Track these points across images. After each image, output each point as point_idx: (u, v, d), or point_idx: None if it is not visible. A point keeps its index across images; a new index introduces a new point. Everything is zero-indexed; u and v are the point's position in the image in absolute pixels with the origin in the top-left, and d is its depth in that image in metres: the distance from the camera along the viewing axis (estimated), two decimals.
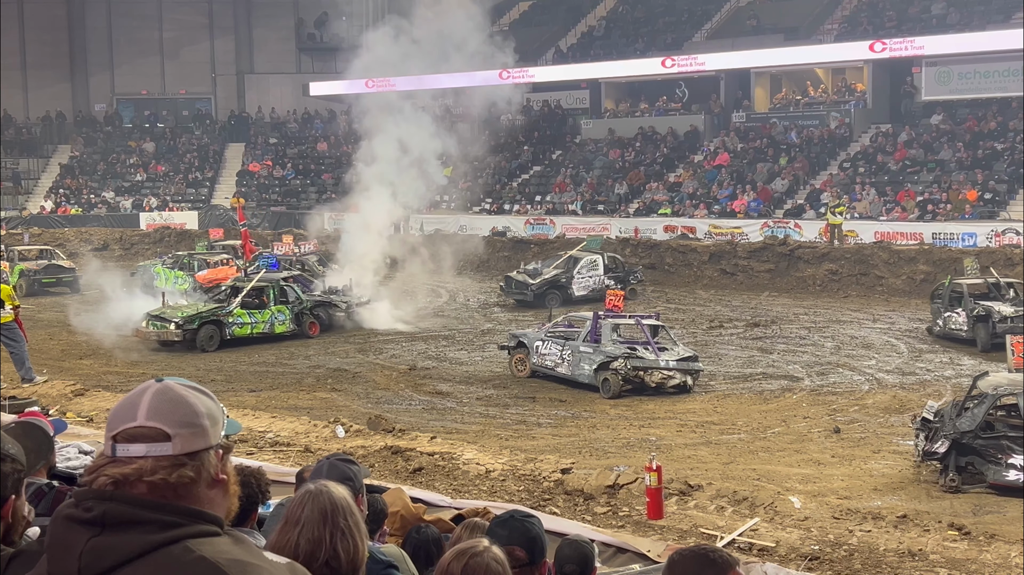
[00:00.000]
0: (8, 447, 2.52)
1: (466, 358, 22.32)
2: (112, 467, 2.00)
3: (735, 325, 25.62)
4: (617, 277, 29.95)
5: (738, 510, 10.72)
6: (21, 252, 33.81)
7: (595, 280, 29.53)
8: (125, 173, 52.02)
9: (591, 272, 29.64)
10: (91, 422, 13.24)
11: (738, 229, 35.49)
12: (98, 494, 1.98)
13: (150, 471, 1.99)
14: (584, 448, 14.87)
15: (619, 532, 9.36)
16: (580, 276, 29.47)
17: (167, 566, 1.92)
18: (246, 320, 23.61)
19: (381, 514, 5.45)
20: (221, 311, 23.36)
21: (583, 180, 42.73)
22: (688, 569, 2.97)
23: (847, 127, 40.09)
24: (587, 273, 29.58)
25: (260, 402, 17.48)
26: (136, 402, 2.05)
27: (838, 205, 33.07)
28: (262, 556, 2.05)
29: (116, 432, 2.03)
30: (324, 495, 3.07)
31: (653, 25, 48.74)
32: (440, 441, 13.29)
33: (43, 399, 14.64)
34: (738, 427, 16.13)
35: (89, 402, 14.86)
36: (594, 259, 30.06)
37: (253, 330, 23.72)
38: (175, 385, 2.09)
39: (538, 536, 3.98)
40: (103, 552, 1.93)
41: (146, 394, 2.06)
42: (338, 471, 4.28)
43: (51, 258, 33.87)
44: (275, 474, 7.88)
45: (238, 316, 23.54)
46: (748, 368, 20.69)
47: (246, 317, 23.62)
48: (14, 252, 32.47)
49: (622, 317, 19.96)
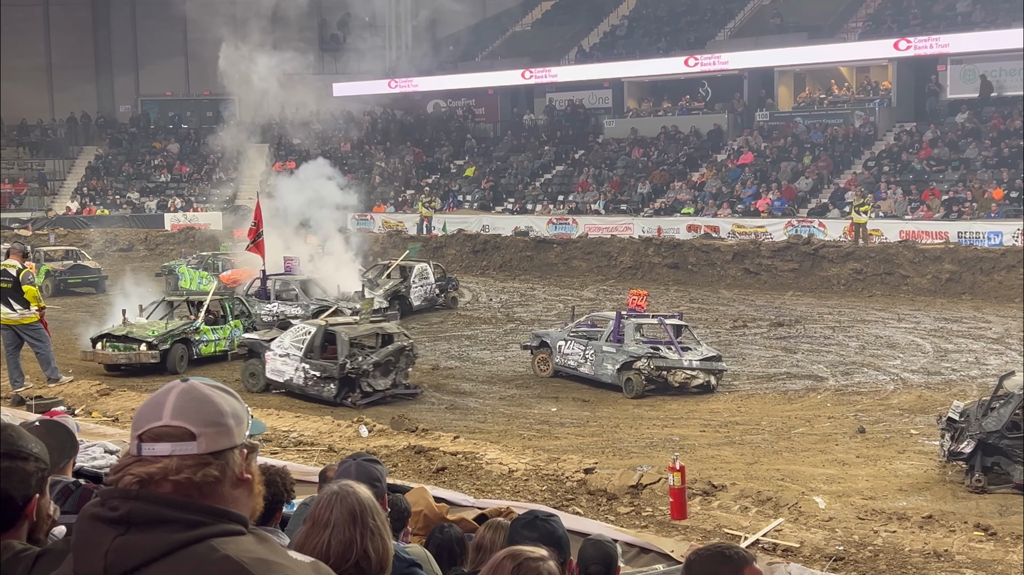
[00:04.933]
0: (31, 446, 2.53)
1: (489, 358, 22.32)
2: (138, 466, 2.01)
3: (759, 325, 25.53)
4: (440, 286, 29.14)
5: (762, 510, 10.67)
6: (47, 253, 34.03)
7: (428, 289, 28.68)
8: (150, 174, 52.34)
9: (423, 281, 28.65)
10: (116, 421, 13.31)
11: (762, 228, 35.36)
12: (124, 493, 1.99)
13: (175, 470, 2.00)
14: (607, 448, 14.85)
15: (642, 532, 9.33)
16: (415, 286, 28.40)
17: (192, 565, 1.93)
18: (210, 337, 21.49)
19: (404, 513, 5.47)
20: (189, 328, 21.05)
21: (606, 179, 42.69)
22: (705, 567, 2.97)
23: (871, 125, 39.87)
24: (420, 282, 28.57)
25: (284, 402, 17.54)
26: (162, 401, 2.06)
27: (862, 204, 32.89)
28: (286, 555, 2.06)
29: (142, 431, 2.04)
30: (352, 496, 3.08)
31: (676, 24, 48.64)
32: (463, 441, 13.30)
33: (69, 399, 14.74)
34: (762, 427, 16.07)
35: (114, 402, 14.95)
36: (423, 268, 29.11)
37: (216, 347, 21.53)
38: (200, 385, 2.10)
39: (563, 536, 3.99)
40: (128, 551, 1.94)
41: (171, 393, 2.07)
42: (366, 472, 4.30)
43: (77, 259, 34.07)
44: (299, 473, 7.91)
45: (203, 333, 21.36)
46: (772, 368, 20.60)
47: (210, 334, 21.51)
48: (40, 253, 32.67)
49: (645, 317, 19.91)
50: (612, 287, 32.36)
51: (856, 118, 40.33)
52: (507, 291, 32.25)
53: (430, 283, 28.81)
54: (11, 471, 2.44)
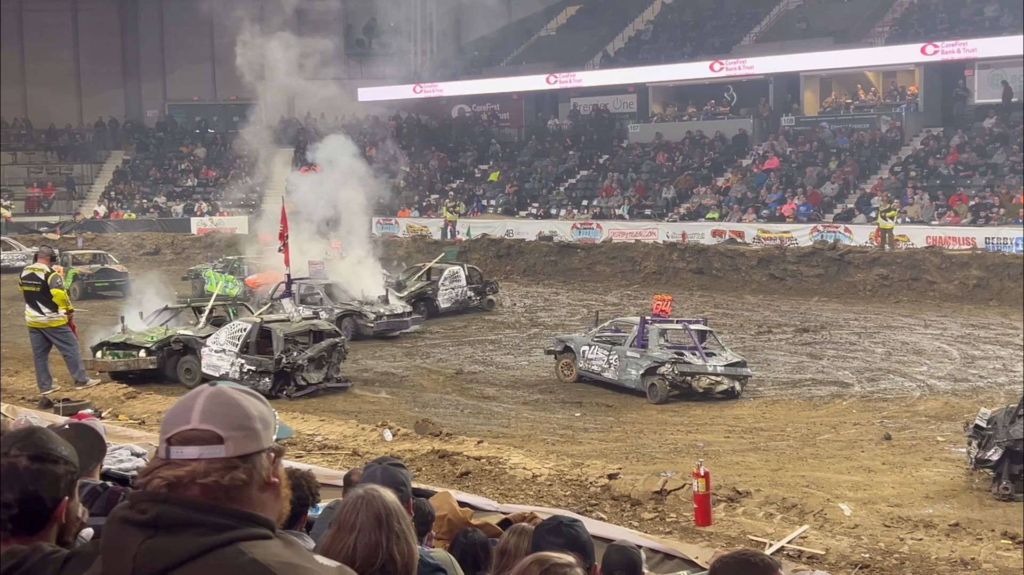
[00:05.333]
0: (61, 449, 2.56)
1: (512, 362, 22.32)
2: (166, 469, 2.03)
3: (784, 330, 25.42)
4: (475, 288, 29.26)
5: (787, 517, 10.62)
6: (75, 256, 34.27)
7: (458, 292, 28.83)
8: (176, 178, 52.68)
9: (454, 283, 28.82)
10: (142, 424, 13.40)
11: (787, 234, 35.24)
12: (152, 496, 2.01)
13: (203, 473, 2.02)
14: (631, 453, 14.81)
15: (667, 538, 9.31)
16: (444, 288, 28.58)
17: (220, 568, 1.94)
18: None
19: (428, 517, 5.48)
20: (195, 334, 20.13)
21: (630, 184, 42.64)
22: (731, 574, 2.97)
23: (898, 130, 39.67)
24: (450, 285, 28.71)
25: (308, 405, 17.60)
26: (190, 405, 2.08)
27: (889, 209, 32.71)
28: (313, 559, 2.07)
29: (170, 434, 2.06)
30: (377, 500, 3.10)
31: (701, 29, 48.55)
32: (487, 445, 13.30)
33: (96, 402, 14.84)
34: (787, 433, 15.99)
35: (141, 405, 15.04)
36: (455, 270, 29.26)
37: None
38: (228, 389, 2.12)
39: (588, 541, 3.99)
40: (157, 554, 1.96)
41: (200, 397, 2.09)
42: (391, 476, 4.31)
43: (104, 262, 34.28)
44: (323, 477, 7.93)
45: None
46: (797, 374, 20.51)
47: None
48: (68, 256, 32.90)
49: (669, 322, 19.86)
50: (636, 292, 32.31)
51: (883, 123, 40.14)
52: (531, 296, 32.24)
53: (461, 286, 28.90)
54: (41, 474, 2.46)
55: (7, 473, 2.45)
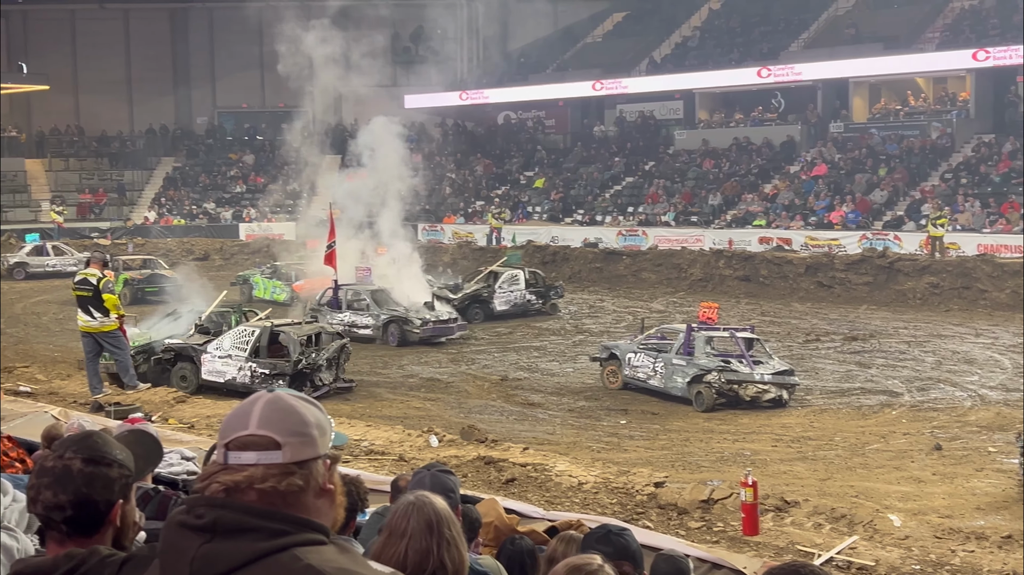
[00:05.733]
0: (116, 453, 2.59)
1: (558, 369, 22.30)
2: (224, 474, 2.05)
3: (832, 339, 25.19)
4: (538, 292, 29.60)
5: (836, 527, 10.52)
6: (125, 262, 34.67)
7: (516, 295, 29.18)
8: (225, 185, 53.19)
9: (512, 287, 29.22)
10: (192, 428, 13.51)
11: (835, 241, 34.93)
12: (210, 501, 2.03)
13: (260, 479, 2.03)
14: (677, 462, 14.74)
15: (714, 547, 9.25)
16: (501, 291, 29.05)
17: (275, 573, 1.95)
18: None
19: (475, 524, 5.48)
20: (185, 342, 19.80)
21: (676, 191, 42.47)
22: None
23: (949, 137, 39.20)
24: (508, 288, 29.15)
25: (355, 411, 17.68)
26: (248, 411, 2.10)
27: (939, 217, 32.32)
28: (367, 565, 2.08)
29: (228, 440, 2.08)
30: (428, 506, 3.11)
31: (748, 35, 48.30)
32: (532, 452, 13.28)
33: (146, 406, 15.00)
34: (835, 443, 15.84)
35: (191, 409, 15.18)
36: (515, 274, 29.64)
37: None
38: (286, 395, 2.13)
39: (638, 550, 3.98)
40: (214, 558, 1.97)
41: (258, 403, 2.11)
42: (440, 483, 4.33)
43: (154, 268, 34.67)
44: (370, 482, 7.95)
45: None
46: (846, 383, 20.31)
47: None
48: (119, 261, 33.29)
49: (716, 330, 19.75)
50: (682, 299, 32.17)
51: (933, 129, 39.69)
52: (576, 302, 32.18)
53: (520, 289, 29.22)
54: (94, 476, 2.50)
55: (61, 475, 2.48)
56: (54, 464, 2.50)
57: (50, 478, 2.48)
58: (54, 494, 2.47)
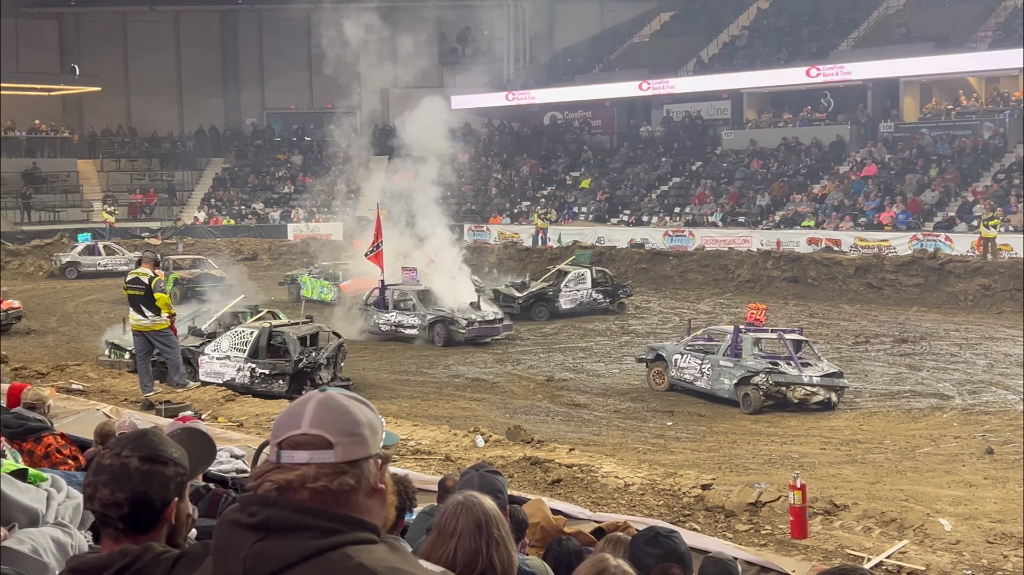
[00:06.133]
0: (172, 451, 2.62)
1: (603, 370, 22.25)
2: (277, 473, 2.07)
3: (882, 341, 24.93)
4: (605, 291, 29.87)
5: (886, 531, 10.40)
6: (175, 261, 35.06)
7: (582, 294, 29.49)
8: (274, 185, 53.61)
9: (578, 286, 29.55)
10: (241, 427, 13.63)
11: (885, 242, 34.56)
12: (263, 499, 2.05)
13: (313, 478, 2.05)
14: (724, 464, 14.66)
15: (762, 551, 9.18)
16: (567, 290, 29.38)
17: (327, 572, 1.97)
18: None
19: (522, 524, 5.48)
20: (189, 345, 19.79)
21: (724, 191, 42.22)
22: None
23: (1001, 137, 38.64)
24: (574, 287, 29.50)
25: (401, 410, 17.76)
26: (301, 410, 2.11)
27: (991, 218, 31.89)
28: (418, 564, 2.09)
29: (281, 439, 2.10)
30: (477, 506, 3.11)
31: (797, 34, 47.90)
32: (578, 453, 13.26)
33: (196, 404, 15.14)
34: (885, 446, 15.69)
35: (239, 407, 15.30)
36: (582, 273, 29.95)
37: None
38: (338, 395, 2.15)
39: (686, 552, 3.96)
40: (266, 556, 1.99)
41: (310, 403, 2.12)
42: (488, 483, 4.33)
43: (203, 267, 35.02)
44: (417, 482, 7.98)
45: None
46: (895, 385, 20.10)
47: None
48: (169, 261, 33.67)
49: (764, 331, 19.62)
50: (729, 300, 31.98)
51: (985, 130, 39.13)
52: None
53: (586, 288, 29.45)
54: (151, 474, 2.53)
55: (119, 473, 2.51)
56: (111, 462, 2.53)
57: (107, 476, 2.52)
58: (111, 491, 2.50)
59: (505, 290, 29.55)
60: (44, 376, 16.64)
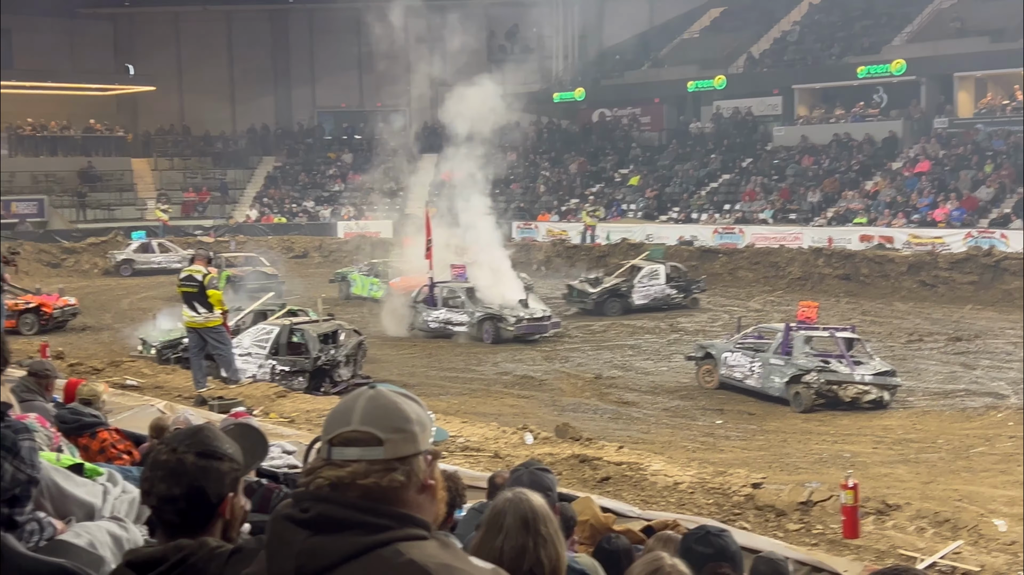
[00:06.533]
0: (227, 447, 2.65)
1: (652, 368, 22.18)
2: (328, 469, 2.09)
3: (935, 339, 24.62)
4: (679, 286, 30.08)
5: (939, 532, 10.28)
6: (228, 259, 35.40)
7: (656, 289, 29.74)
8: (324, 183, 53.98)
9: (652, 281, 29.81)
10: (292, 423, 13.74)
11: (939, 239, 34.12)
12: (315, 495, 2.07)
13: (363, 474, 2.07)
14: (774, 463, 14.56)
15: (813, 550, 9.11)
16: (641, 285, 29.64)
17: (378, 568, 1.99)
18: None
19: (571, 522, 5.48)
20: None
21: (774, 188, 41.89)
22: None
23: None
24: (648, 282, 29.74)
25: (450, 407, 17.81)
26: (351, 407, 2.14)
27: None
28: (468, 561, 2.10)
29: (332, 435, 2.12)
30: (525, 503, 3.12)
31: (850, 29, 47.39)
32: (627, 451, 13.23)
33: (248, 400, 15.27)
34: (938, 445, 15.50)
35: (291, 403, 15.42)
36: (655, 268, 30.24)
37: None
38: (387, 391, 2.17)
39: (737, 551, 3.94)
40: (318, 552, 2.01)
41: (360, 399, 2.14)
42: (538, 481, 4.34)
43: (256, 265, 35.34)
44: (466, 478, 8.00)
45: None
46: (949, 384, 19.84)
47: None
48: (221, 259, 34.00)
49: (815, 329, 19.45)
50: (780, 298, 31.74)
51: None
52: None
53: (659, 284, 29.72)
54: (207, 470, 2.56)
55: (175, 469, 2.55)
56: (167, 458, 2.57)
57: (164, 471, 2.55)
58: (168, 487, 2.54)
59: (579, 285, 29.89)
60: (99, 372, 16.86)
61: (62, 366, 16.43)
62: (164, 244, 41.30)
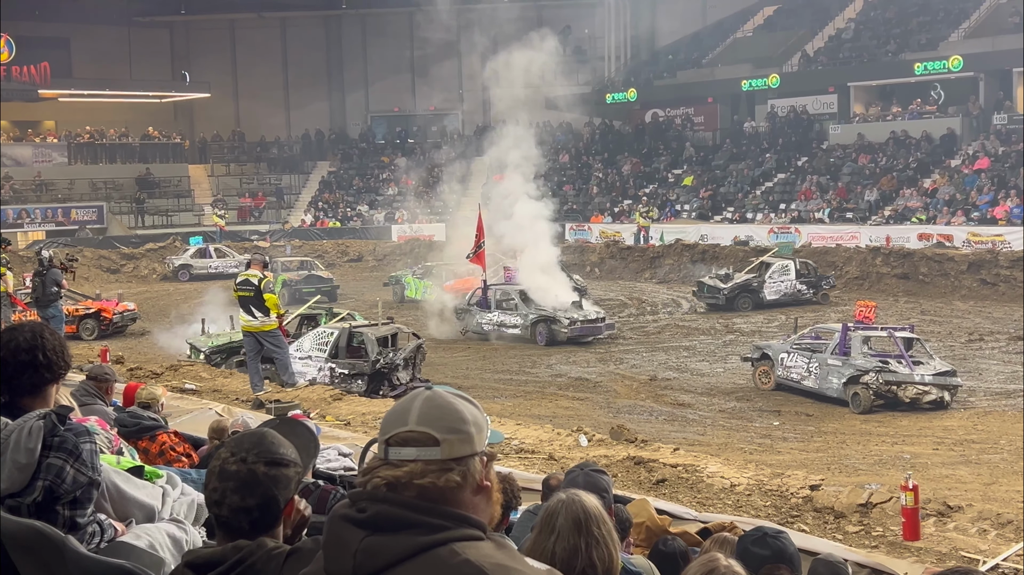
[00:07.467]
0: (290, 452, 2.68)
1: (707, 369, 22.04)
2: (385, 469, 2.10)
3: (996, 338, 24.22)
4: (809, 282, 30.19)
5: (1002, 533, 10.10)
6: (284, 263, 35.73)
7: (787, 285, 29.94)
8: (378, 187, 54.31)
9: (783, 277, 30.01)
10: (348, 425, 13.83)
11: (1000, 237, 33.57)
12: (372, 495, 2.09)
13: (420, 474, 2.08)
14: (833, 464, 14.41)
15: (873, 553, 9.00)
16: (772, 281, 29.86)
17: (435, 567, 1.99)
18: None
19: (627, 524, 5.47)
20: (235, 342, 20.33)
21: (830, 187, 41.46)
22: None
23: None
24: (778, 278, 29.94)
25: (505, 409, 17.83)
26: (408, 408, 2.15)
27: None
28: (524, 562, 2.10)
29: (389, 436, 2.13)
30: (577, 504, 3.12)
31: (906, 25, 46.79)
32: (683, 453, 13.15)
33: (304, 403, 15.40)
34: (1001, 446, 15.24)
35: (347, 406, 15.52)
36: (786, 264, 30.38)
37: None
38: (444, 393, 2.18)
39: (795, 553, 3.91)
40: (375, 552, 2.03)
41: (417, 400, 2.16)
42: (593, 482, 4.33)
43: (311, 269, 35.66)
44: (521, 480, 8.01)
45: None
46: (1011, 384, 19.51)
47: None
48: (277, 263, 34.33)
49: (873, 329, 19.22)
50: (837, 298, 31.39)
51: None
52: None
53: (790, 279, 30.03)
54: (278, 479, 2.60)
55: (248, 479, 2.58)
56: (238, 468, 2.59)
57: (236, 482, 2.57)
58: (242, 498, 2.56)
59: (709, 281, 30.20)
60: (158, 376, 17.10)
61: (121, 370, 16.67)
62: (221, 249, 41.77)
